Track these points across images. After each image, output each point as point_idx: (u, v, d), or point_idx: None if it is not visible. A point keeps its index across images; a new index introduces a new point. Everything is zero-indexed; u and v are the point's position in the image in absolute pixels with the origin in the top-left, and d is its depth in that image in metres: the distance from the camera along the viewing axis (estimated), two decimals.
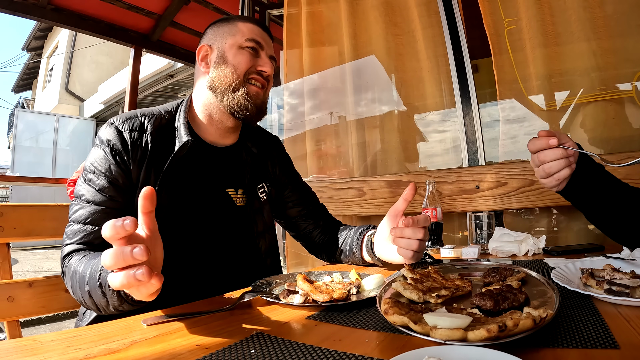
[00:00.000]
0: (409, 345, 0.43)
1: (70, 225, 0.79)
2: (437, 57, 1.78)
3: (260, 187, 1.01)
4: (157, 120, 0.88)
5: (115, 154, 0.81)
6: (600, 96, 1.49)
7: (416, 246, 0.82)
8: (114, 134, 0.83)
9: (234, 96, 0.89)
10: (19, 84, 15.56)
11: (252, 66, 0.91)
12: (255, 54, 0.92)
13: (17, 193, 8.57)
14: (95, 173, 0.80)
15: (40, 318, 3.39)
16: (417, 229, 0.81)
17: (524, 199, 1.45)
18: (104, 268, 0.61)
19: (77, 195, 0.80)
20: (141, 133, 0.85)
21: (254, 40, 0.92)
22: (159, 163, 0.84)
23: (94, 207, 0.78)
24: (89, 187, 0.80)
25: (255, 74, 0.91)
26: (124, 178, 0.81)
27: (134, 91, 3.07)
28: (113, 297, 0.60)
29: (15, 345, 0.50)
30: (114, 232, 0.47)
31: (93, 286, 0.63)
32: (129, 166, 0.82)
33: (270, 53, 0.95)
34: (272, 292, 0.70)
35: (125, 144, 0.82)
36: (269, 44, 0.96)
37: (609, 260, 0.72)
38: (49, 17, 2.54)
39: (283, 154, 1.15)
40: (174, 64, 7.46)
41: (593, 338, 0.41)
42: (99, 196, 0.79)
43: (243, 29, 0.92)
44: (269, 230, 1.04)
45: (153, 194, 0.52)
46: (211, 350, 0.44)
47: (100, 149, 0.82)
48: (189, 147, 0.86)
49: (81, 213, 0.78)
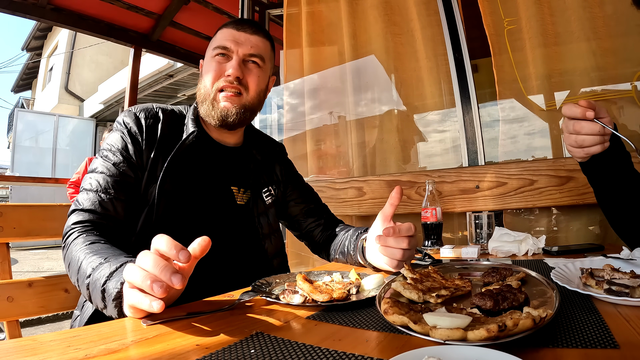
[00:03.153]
0: (409, 345, 0.43)
1: (81, 193, 0.83)
2: (437, 57, 1.78)
3: (265, 190, 1.03)
4: (170, 113, 0.94)
5: (132, 135, 0.87)
6: (600, 96, 1.49)
7: (400, 255, 0.79)
8: (131, 119, 0.89)
9: (204, 107, 0.93)
10: (19, 84, 15.55)
11: (219, 75, 0.91)
12: (225, 59, 0.92)
13: (16, 193, 8.57)
14: (111, 151, 0.86)
15: (40, 318, 3.38)
16: (400, 239, 0.78)
17: (524, 198, 1.45)
18: (112, 279, 0.61)
19: (91, 169, 0.86)
20: (156, 121, 0.91)
21: (220, 47, 0.91)
22: (167, 151, 0.88)
23: (107, 177, 0.83)
24: (104, 161, 0.85)
25: (225, 82, 0.90)
26: (138, 157, 0.86)
27: (134, 91, 3.07)
28: (114, 311, 0.60)
29: (15, 345, 0.50)
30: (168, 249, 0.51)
31: (94, 288, 0.63)
32: (142, 148, 0.87)
33: (246, 52, 0.92)
34: (272, 292, 0.70)
35: (141, 128, 0.88)
36: (245, 42, 0.92)
37: (609, 260, 0.72)
38: (48, 17, 2.54)
39: (286, 161, 1.19)
40: (174, 64, 7.45)
41: (593, 338, 0.41)
42: (113, 169, 0.84)
43: (218, 37, 0.94)
44: (275, 233, 1.05)
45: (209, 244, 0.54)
46: (211, 350, 0.44)
47: (119, 131, 0.88)
48: (196, 138, 0.90)
49: (93, 182, 0.82)
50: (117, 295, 0.59)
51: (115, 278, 0.61)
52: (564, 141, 0.83)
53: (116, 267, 0.62)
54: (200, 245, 0.54)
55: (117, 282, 0.59)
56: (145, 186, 0.86)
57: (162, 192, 0.85)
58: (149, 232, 0.83)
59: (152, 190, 0.85)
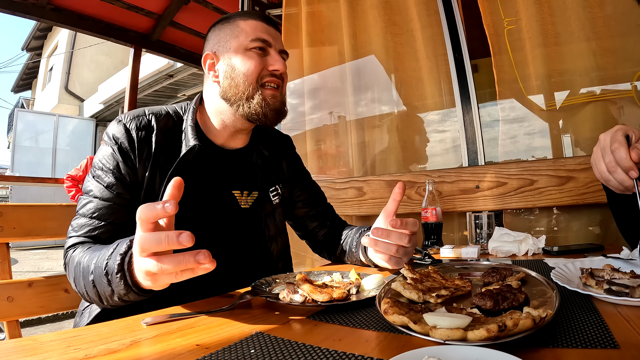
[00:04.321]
0: (409, 345, 0.43)
1: (77, 218, 0.80)
2: (437, 57, 1.78)
3: (272, 189, 1.00)
4: (164, 120, 0.87)
5: (123, 152, 0.81)
6: (600, 96, 1.49)
7: (394, 250, 0.77)
8: (121, 132, 0.82)
9: (250, 105, 0.86)
10: (19, 84, 15.55)
11: (263, 68, 0.87)
12: (263, 53, 0.88)
13: (16, 193, 8.57)
14: (103, 170, 0.81)
15: (40, 318, 3.38)
16: (402, 235, 0.76)
17: (524, 198, 1.45)
18: (111, 257, 0.61)
19: (86, 190, 0.82)
20: (148, 132, 0.84)
21: (259, 39, 0.87)
22: (165, 164, 0.84)
23: (101, 202, 0.79)
24: (97, 183, 0.81)
25: (268, 77, 0.87)
26: (131, 176, 0.82)
27: (134, 91, 3.07)
28: (120, 285, 0.59)
29: (15, 345, 0.50)
30: (152, 213, 0.50)
31: (98, 275, 0.63)
32: (135, 164, 0.82)
33: (280, 47, 0.91)
34: (272, 292, 0.70)
35: (132, 142, 0.82)
36: (277, 37, 0.91)
37: (609, 260, 0.72)
38: (48, 17, 2.53)
39: (294, 154, 1.15)
40: (174, 64, 7.44)
41: (593, 338, 0.41)
42: (107, 192, 0.80)
43: (246, 29, 0.88)
44: (281, 234, 1.03)
45: (181, 183, 0.53)
46: (211, 350, 0.44)
47: (109, 146, 0.83)
48: (196, 152, 0.85)
49: (88, 207, 0.79)
50: (119, 267, 0.59)
51: (113, 255, 0.61)
52: (593, 161, 0.77)
53: (113, 249, 0.63)
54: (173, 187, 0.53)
55: (116, 255, 0.60)
56: (143, 201, 0.82)
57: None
58: None
59: None
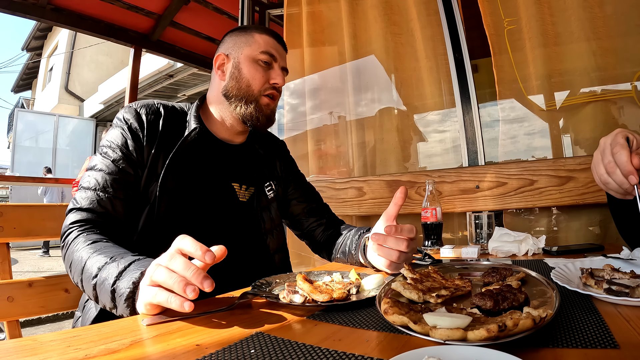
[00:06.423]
0: (409, 345, 0.43)
1: (79, 191, 0.81)
2: (437, 57, 1.78)
3: (267, 185, 1.05)
4: (171, 109, 0.94)
5: (132, 131, 0.86)
6: (600, 96, 1.49)
7: (396, 257, 0.78)
8: (132, 114, 0.88)
9: (247, 107, 0.95)
10: (19, 84, 15.56)
11: (266, 81, 0.95)
12: (268, 67, 0.96)
13: (17, 193, 8.57)
14: (111, 147, 0.85)
15: (40, 318, 3.39)
16: (400, 240, 0.77)
17: (524, 198, 1.45)
18: (122, 279, 0.61)
19: (90, 167, 0.84)
20: (157, 117, 0.90)
21: (268, 53, 0.96)
22: (169, 146, 0.88)
23: (105, 175, 0.82)
24: (104, 158, 0.84)
25: (270, 89, 0.96)
26: (138, 154, 0.85)
27: (134, 91, 3.07)
28: (124, 308, 0.59)
29: (15, 345, 0.50)
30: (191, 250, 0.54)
31: (103, 288, 0.63)
32: (143, 144, 0.86)
33: (283, 65, 1.00)
34: (272, 292, 0.70)
35: (141, 124, 0.87)
36: (283, 55, 1.01)
37: (609, 260, 0.72)
38: (48, 17, 2.54)
39: (288, 157, 1.20)
40: (174, 64, 7.43)
41: (593, 338, 0.41)
42: (112, 166, 0.83)
43: (259, 41, 0.96)
44: (277, 228, 1.06)
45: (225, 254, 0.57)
46: (211, 350, 0.44)
47: (118, 127, 0.87)
48: (198, 135, 0.90)
49: (92, 180, 0.81)
50: (129, 294, 0.58)
51: (126, 277, 0.60)
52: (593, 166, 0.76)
53: (124, 266, 0.62)
54: (218, 253, 0.56)
55: (129, 282, 0.59)
56: (145, 184, 0.85)
57: (164, 189, 0.84)
58: (151, 230, 0.83)
59: (153, 188, 0.85)
